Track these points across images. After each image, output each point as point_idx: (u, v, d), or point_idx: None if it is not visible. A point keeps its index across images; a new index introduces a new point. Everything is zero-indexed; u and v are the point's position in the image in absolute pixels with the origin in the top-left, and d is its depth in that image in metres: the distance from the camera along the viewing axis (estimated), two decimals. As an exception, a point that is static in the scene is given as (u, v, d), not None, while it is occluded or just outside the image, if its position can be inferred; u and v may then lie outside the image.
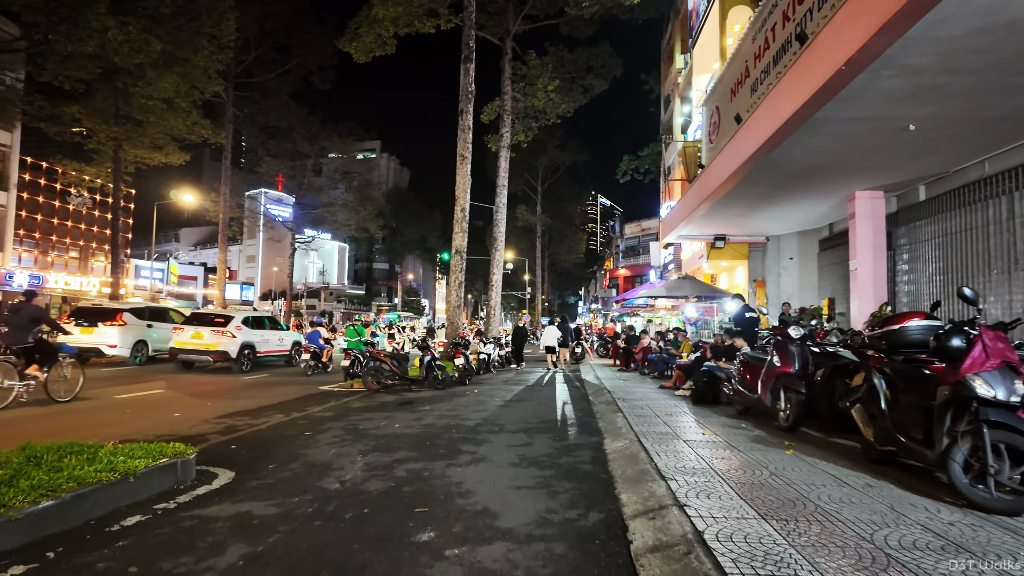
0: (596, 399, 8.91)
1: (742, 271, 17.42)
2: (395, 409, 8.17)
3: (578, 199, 63.28)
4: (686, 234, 15.96)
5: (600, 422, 6.77)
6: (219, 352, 13.17)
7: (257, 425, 6.70)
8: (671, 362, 12.15)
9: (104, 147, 24.86)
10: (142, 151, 26.23)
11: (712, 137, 13.64)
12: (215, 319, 13.94)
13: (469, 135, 16.73)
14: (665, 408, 7.51)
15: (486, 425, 6.79)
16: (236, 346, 13.47)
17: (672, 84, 25.06)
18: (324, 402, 8.79)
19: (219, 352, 13.17)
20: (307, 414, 7.61)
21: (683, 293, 14.10)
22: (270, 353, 15.08)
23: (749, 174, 9.69)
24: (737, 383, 6.63)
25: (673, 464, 4.32)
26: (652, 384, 10.82)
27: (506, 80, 21.71)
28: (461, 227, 16.53)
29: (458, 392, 10.31)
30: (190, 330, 13.52)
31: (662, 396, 8.88)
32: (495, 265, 21.44)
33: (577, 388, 11.24)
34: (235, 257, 72.06)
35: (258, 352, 14.33)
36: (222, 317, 14.07)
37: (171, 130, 25.43)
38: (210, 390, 10.08)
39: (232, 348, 13.38)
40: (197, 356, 13.32)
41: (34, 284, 33.67)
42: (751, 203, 12.06)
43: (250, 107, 35.00)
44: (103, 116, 24.07)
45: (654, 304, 19.18)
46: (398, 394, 9.98)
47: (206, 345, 13.29)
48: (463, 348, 12.44)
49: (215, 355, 13.14)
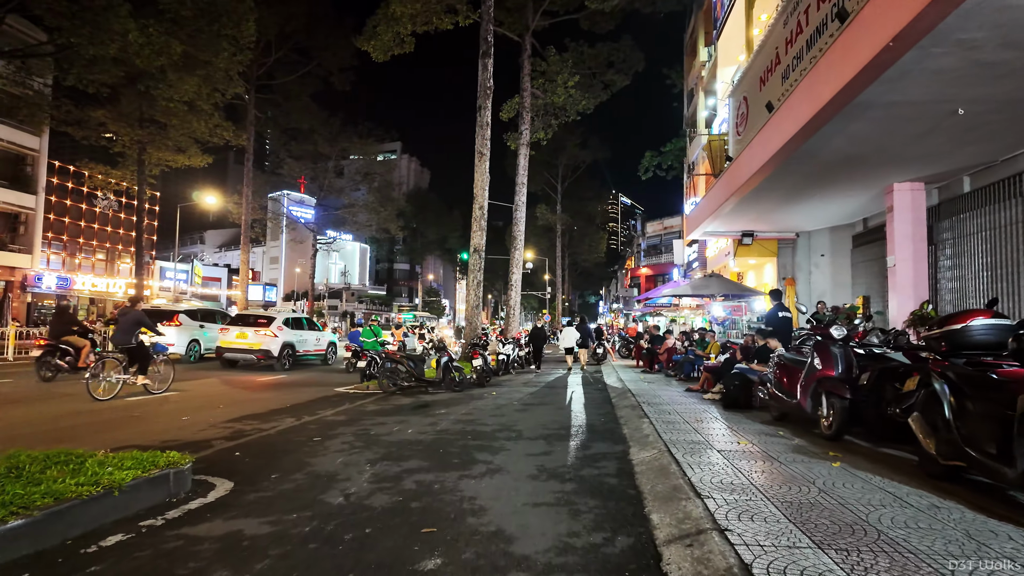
0: (620, 403, 8.48)
1: (770, 269, 16.80)
2: (410, 413, 7.85)
3: (598, 198, 62.68)
4: (712, 230, 15.41)
5: (625, 428, 6.36)
6: (262, 351, 13.78)
7: (266, 430, 6.43)
8: (698, 364, 11.65)
9: (129, 150, 25.17)
10: (165, 154, 26.53)
11: (740, 129, 13.09)
12: (258, 320, 14.55)
13: (487, 131, 16.40)
14: (694, 413, 7.06)
15: (503, 431, 6.42)
16: (278, 345, 14.06)
17: (695, 78, 24.43)
18: (338, 405, 8.52)
19: (262, 351, 13.78)
20: (319, 418, 7.33)
21: (709, 292, 13.57)
22: (308, 353, 15.83)
23: (781, 166, 9.18)
24: (773, 387, 6.16)
25: (708, 479, 3.91)
26: (678, 387, 10.35)
27: (525, 77, 21.36)
28: (480, 225, 16.20)
29: (476, 394, 9.97)
30: (235, 330, 14.19)
31: (690, 400, 8.42)
32: (514, 264, 21.10)
33: (599, 391, 10.82)
34: (259, 259, 72.92)
35: (297, 352, 14.94)
36: (265, 318, 14.65)
37: (193, 132, 25.65)
38: (236, 389, 9.90)
39: (274, 347, 13.98)
40: (242, 355, 13.96)
41: (62, 286, 34.35)
42: (781, 197, 11.51)
43: (272, 109, 35.29)
44: (128, 120, 24.38)
45: (678, 303, 18.62)
46: (414, 396, 9.68)
47: (250, 344, 13.95)
48: (481, 349, 12.10)
49: (259, 354, 13.74)
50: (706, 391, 9.25)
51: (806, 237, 15.50)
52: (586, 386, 11.79)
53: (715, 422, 6.36)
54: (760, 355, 7.92)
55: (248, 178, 31.95)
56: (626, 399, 8.68)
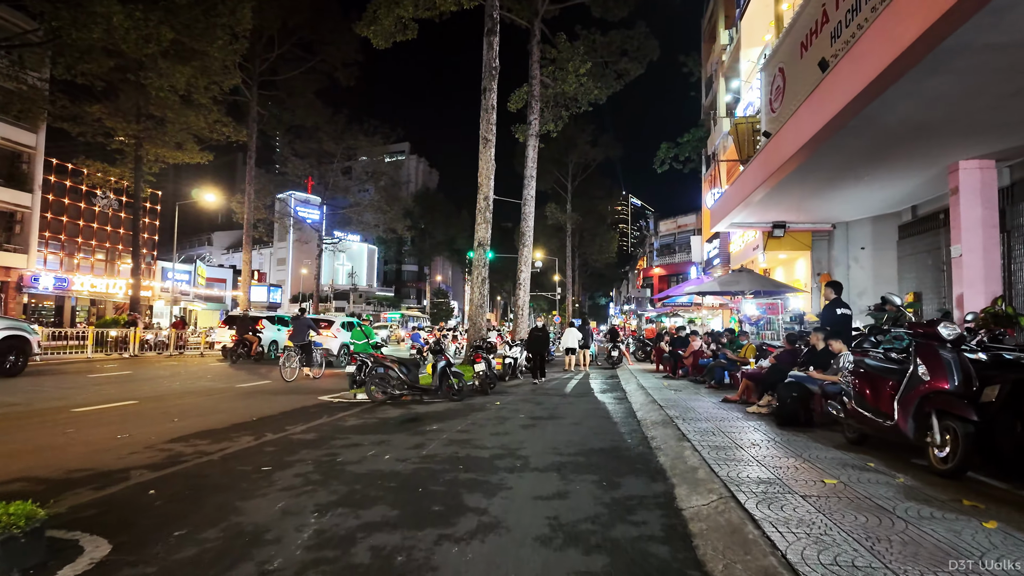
0: (647, 416, 7.11)
1: (803, 264, 15.36)
2: (394, 429, 6.53)
3: (610, 197, 61.21)
4: (740, 222, 13.97)
5: (661, 456, 4.98)
6: (325, 349, 15.37)
7: (210, 454, 5.14)
8: (730, 369, 10.25)
9: (127, 147, 24.21)
10: (163, 150, 25.58)
11: (774, 105, 11.70)
12: (320, 323, 16.64)
13: (493, 115, 15.09)
14: (743, 433, 5.68)
15: (505, 457, 5.08)
16: (337, 345, 16.26)
17: (715, 63, 23.00)
18: (313, 418, 7.23)
19: (325, 349, 15.37)
20: (283, 436, 6.03)
21: (739, 288, 12.16)
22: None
23: (831, 140, 7.80)
24: (854, 402, 4.76)
25: (813, 554, 2.54)
26: (711, 396, 8.95)
27: (534, 64, 20.10)
28: (485, 218, 14.89)
29: (477, 405, 8.63)
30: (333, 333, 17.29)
31: (732, 414, 7.02)
32: (522, 262, 19.81)
33: (619, 400, 9.44)
34: (266, 260, 72.32)
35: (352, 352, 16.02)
36: (327, 321, 17.21)
37: (191, 127, 24.68)
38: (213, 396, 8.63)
39: (334, 346, 16.11)
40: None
41: (60, 287, 33.47)
42: (822, 181, 10.12)
43: (275, 106, 34.44)
44: (125, 115, 23.42)
45: (701, 302, 17.19)
46: (405, 407, 8.36)
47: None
48: (485, 352, 10.77)
49: (323, 351, 15.07)
50: (748, 402, 7.85)
51: (843, 228, 14.05)
52: (603, 394, 10.41)
53: (776, 447, 4.97)
54: (817, 360, 6.52)
55: (250, 176, 31.00)
56: (653, 411, 7.30)
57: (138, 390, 9.74)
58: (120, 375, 12.35)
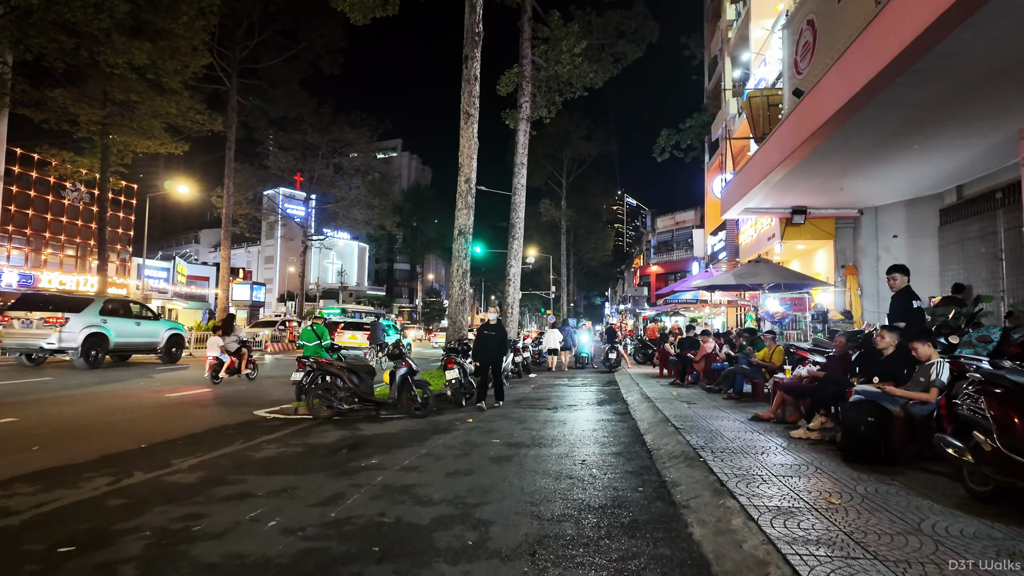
0: (659, 443, 5.39)
1: (824, 256, 13.68)
2: (315, 465, 4.76)
3: (605, 193, 59.64)
4: (755, 207, 12.25)
5: (695, 524, 3.23)
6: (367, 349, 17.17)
7: (22, 512, 3.39)
8: (754, 376, 8.54)
9: (95, 136, 22.34)
10: (130, 138, 23.68)
11: (800, 65, 10.00)
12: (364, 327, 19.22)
13: (476, 87, 13.31)
14: (807, 477, 3.96)
15: (454, 523, 3.32)
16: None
17: (720, 42, 21.32)
18: (222, 444, 5.47)
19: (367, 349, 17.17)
20: (154, 477, 4.28)
21: (757, 281, 10.48)
22: None
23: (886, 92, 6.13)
24: (998, 440, 3.03)
25: None
26: (732, 411, 7.23)
27: (525, 42, 18.39)
28: (466, 203, 13.12)
29: (443, 424, 6.86)
30: (348, 333, 19.90)
31: (771, 440, 5.30)
32: (512, 256, 18.10)
33: (621, 417, 7.69)
34: (253, 258, 70.53)
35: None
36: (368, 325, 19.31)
37: (159, 113, 22.83)
38: (129, 408, 6.83)
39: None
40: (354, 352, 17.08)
41: (24, 284, 31.51)
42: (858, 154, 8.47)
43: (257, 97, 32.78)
44: (89, 100, 21.60)
45: (707, 299, 15.50)
46: (352, 427, 6.60)
47: (360, 344, 19.09)
48: (460, 356, 9.01)
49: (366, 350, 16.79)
50: (785, 421, 6.15)
51: (872, 214, 12.38)
52: (601, 407, 8.66)
53: (871, 509, 3.24)
54: (886, 368, 4.82)
55: (229, 168, 29.19)
56: (668, 436, 5.58)
57: (38, 403, 7.94)
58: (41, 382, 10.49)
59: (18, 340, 12.73)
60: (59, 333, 12.48)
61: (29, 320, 12.67)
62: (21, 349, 13.00)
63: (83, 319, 13.03)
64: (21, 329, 12.69)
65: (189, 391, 9.68)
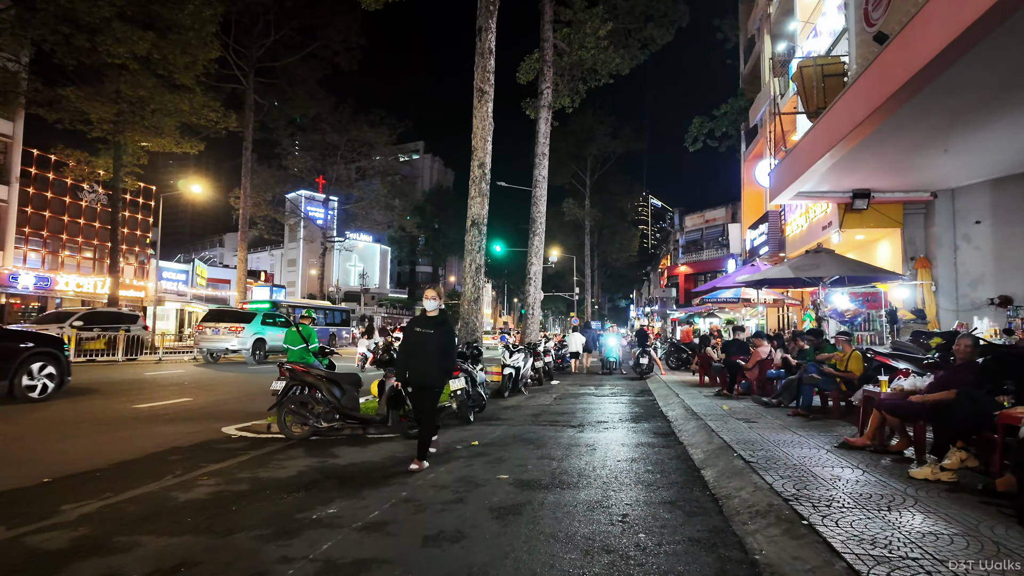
0: (726, 485, 3.92)
1: (887, 247, 11.99)
2: (249, 519, 3.40)
3: (630, 192, 57.97)
4: (809, 190, 10.62)
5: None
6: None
7: None
8: (826, 387, 6.96)
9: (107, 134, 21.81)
10: (142, 136, 23.06)
11: (873, 16, 8.42)
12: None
13: (491, 61, 11.94)
14: (986, 560, 2.48)
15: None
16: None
17: (759, 19, 19.61)
18: (149, 478, 4.18)
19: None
20: (8, 538, 3.00)
21: (818, 274, 8.89)
22: None
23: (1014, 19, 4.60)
24: None
25: None
26: (806, 432, 5.69)
27: (546, 24, 17.08)
28: (480, 190, 11.76)
29: (440, 447, 5.47)
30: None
31: (885, 481, 3.79)
32: (533, 254, 16.73)
33: (663, 438, 6.20)
34: (276, 261, 70.66)
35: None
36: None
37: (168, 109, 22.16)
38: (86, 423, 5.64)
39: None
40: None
41: (41, 286, 31.19)
42: (951, 117, 6.91)
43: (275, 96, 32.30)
44: (101, 98, 21.08)
45: (751, 298, 13.84)
46: (323, 452, 5.24)
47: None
48: (467, 362, 7.63)
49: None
50: (888, 450, 4.62)
51: (947, 198, 10.69)
52: (636, 424, 7.17)
53: None
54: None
55: (247, 168, 28.53)
56: (735, 473, 4.11)
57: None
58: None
59: (209, 343, 16.91)
60: (238, 338, 16.54)
61: (217, 328, 16.93)
62: (211, 350, 16.95)
63: (251, 328, 17.00)
64: (211, 335, 16.97)
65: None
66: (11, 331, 8.96)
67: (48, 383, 8.27)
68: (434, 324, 4.82)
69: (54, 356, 8.38)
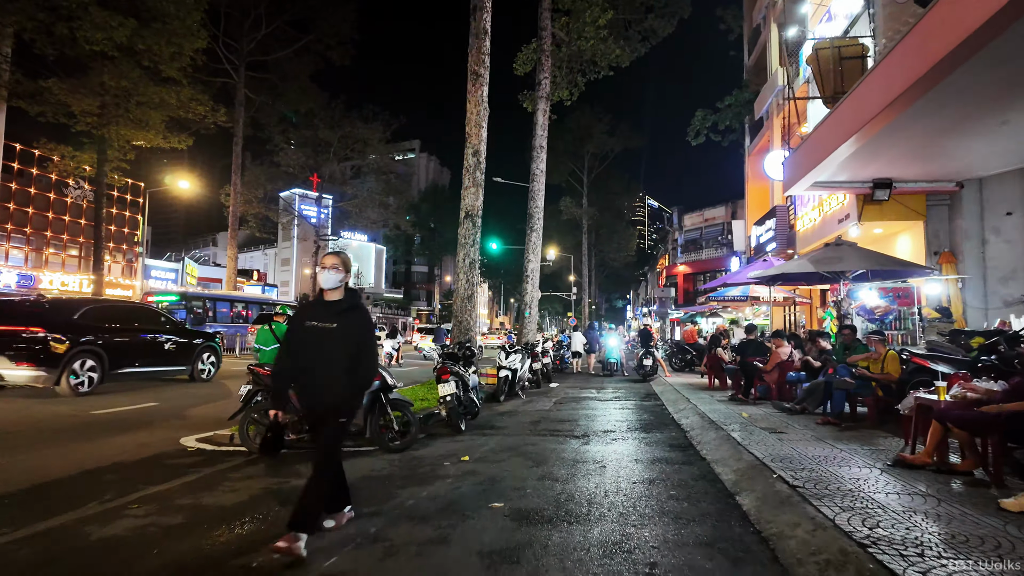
0: (774, 520, 3.17)
1: (908, 241, 11.28)
2: (178, 567, 2.65)
3: (628, 191, 57.24)
4: (826, 180, 9.88)
5: None
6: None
7: None
8: (861, 392, 6.22)
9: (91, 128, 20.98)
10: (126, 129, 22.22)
11: (905, -15, 7.68)
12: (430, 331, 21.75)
13: (486, 42, 11.18)
14: None
15: None
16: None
17: (764, 8, 18.93)
18: (66, 507, 3.39)
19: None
20: None
21: (840, 268, 8.17)
22: None
23: None
24: None
25: None
26: (846, 445, 4.94)
27: (544, 13, 16.37)
28: (474, 180, 11.00)
29: (424, 464, 4.69)
30: (428, 338, 22.78)
31: (966, 513, 3.04)
32: (530, 250, 15.98)
33: (680, 451, 5.44)
34: (271, 260, 69.76)
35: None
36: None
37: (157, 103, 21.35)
38: None
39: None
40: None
41: (24, 284, 30.27)
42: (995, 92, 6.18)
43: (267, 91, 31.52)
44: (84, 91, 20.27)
45: (760, 296, 13.11)
46: (286, 471, 4.44)
47: (433, 347, 20.53)
48: (459, 364, 6.87)
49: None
50: (954, 470, 3.88)
51: (974, 188, 9.97)
52: (647, 434, 6.41)
53: None
54: None
55: (236, 163, 27.74)
56: (781, 502, 3.36)
57: None
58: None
59: None
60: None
61: None
62: None
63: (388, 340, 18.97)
64: None
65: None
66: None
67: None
68: (338, 313, 3.07)
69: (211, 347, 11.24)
